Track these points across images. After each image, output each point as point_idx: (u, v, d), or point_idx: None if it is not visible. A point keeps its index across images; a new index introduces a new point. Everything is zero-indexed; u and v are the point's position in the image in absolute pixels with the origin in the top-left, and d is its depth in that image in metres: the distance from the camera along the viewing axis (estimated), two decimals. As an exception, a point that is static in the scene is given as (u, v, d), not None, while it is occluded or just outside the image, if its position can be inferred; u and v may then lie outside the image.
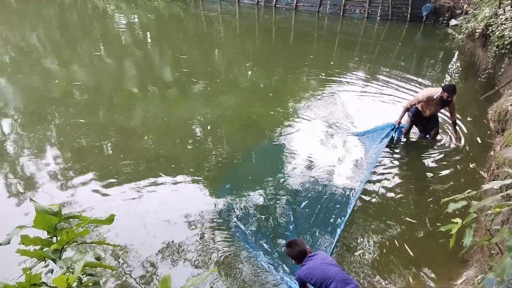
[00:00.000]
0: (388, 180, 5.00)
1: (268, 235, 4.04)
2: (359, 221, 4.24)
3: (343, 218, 4.15)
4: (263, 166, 5.41)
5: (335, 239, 3.84)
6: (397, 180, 5.06)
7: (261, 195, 4.67)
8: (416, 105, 5.54)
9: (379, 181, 4.96)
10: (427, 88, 5.84)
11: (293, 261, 3.12)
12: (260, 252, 3.74)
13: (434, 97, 5.33)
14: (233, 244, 3.90)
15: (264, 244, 3.89)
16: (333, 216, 4.27)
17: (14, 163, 5.21)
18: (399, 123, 5.65)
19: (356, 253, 3.82)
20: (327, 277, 2.75)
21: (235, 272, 3.59)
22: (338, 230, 3.95)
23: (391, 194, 4.74)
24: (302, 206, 4.48)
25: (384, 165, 5.32)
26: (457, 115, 5.77)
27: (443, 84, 5.45)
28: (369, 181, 4.90)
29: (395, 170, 5.26)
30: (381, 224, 4.22)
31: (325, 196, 4.66)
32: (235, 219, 4.23)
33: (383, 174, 5.12)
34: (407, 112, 5.69)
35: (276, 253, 3.77)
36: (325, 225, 4.16)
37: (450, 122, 5.80)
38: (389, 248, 3.92)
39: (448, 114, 5.85)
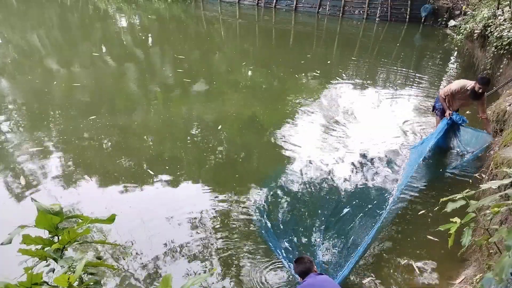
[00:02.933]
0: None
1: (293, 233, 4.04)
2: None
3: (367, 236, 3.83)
4: (267, 166, 5.43)
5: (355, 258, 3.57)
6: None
7: (267, 195, 4.69)
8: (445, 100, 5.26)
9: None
10: (460, 79, 5.50)
11: (298, 278, 3.15)
12: (281, 249, 3.75)
13: (468, 87, 5.11)
14: (235, 244, 3.91)
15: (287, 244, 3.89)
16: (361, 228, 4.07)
17: (16, 163, 5.22)
18: (450, 114, 5.24)
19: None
20: None
21: (236, 271, 3.60)
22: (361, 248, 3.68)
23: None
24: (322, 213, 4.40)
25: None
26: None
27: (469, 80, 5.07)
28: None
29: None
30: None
31: (352, 205, 4.48)
32: (260, 215, 4.26)
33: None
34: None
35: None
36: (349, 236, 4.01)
37: (481, 119, 5.38)
38: (390, 251, 3.93)
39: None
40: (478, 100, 5.14)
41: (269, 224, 4.14)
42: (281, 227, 4.14)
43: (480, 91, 5.00)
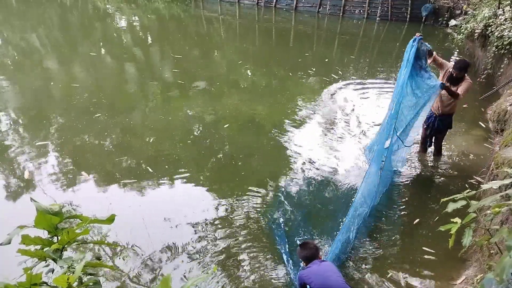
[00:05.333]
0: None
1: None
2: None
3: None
4: (265, 165, 5.41)
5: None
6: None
7: (264, 194, 4.69)
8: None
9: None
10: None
11: (302, 262, 3.14)
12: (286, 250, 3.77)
13: (449, 69, 4.67)
14: (236, 244, 3.91)
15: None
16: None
17: (15, 163, 5.21)
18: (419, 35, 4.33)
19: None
20: (326, 285, 2.78)
21: (237, 271, 3.59)
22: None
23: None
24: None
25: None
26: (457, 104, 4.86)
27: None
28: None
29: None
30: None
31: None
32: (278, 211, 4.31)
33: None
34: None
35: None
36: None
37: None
38: (388, 251, 3.93)
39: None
40: (455, 85, 4.61)
41: (280, 220, 4.17)
42: (286, 226, 4.14)
43: (455, 75, 4.57)
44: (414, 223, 4.24)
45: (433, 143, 5.31)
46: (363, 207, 4.05)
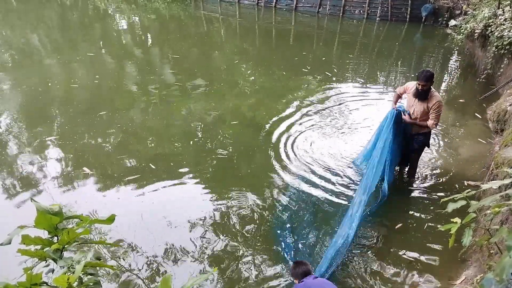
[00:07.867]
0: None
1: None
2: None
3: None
4: (262, 165, 5.41)
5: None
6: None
7: (263, 195, 4.69)
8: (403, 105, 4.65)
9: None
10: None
11: (295, 280, 3.14)
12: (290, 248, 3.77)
13: (414, 86, 4.43)
14: (236, 244, 3.91)
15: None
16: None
17: (15, 163, 5.21)
18: (395, 107, 4.55)
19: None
20: None
21: (238, 272, 3.59)
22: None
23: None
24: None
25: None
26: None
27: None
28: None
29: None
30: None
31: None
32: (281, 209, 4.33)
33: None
34: None
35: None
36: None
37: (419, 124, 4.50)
38: (389, 248, 3.93)
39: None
40: (423, 100, 4.35)
41: (282, 220, 4.18)
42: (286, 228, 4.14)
43: (421, 87, 4.23)
44: (396, 227, 4.18)
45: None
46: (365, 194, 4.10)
